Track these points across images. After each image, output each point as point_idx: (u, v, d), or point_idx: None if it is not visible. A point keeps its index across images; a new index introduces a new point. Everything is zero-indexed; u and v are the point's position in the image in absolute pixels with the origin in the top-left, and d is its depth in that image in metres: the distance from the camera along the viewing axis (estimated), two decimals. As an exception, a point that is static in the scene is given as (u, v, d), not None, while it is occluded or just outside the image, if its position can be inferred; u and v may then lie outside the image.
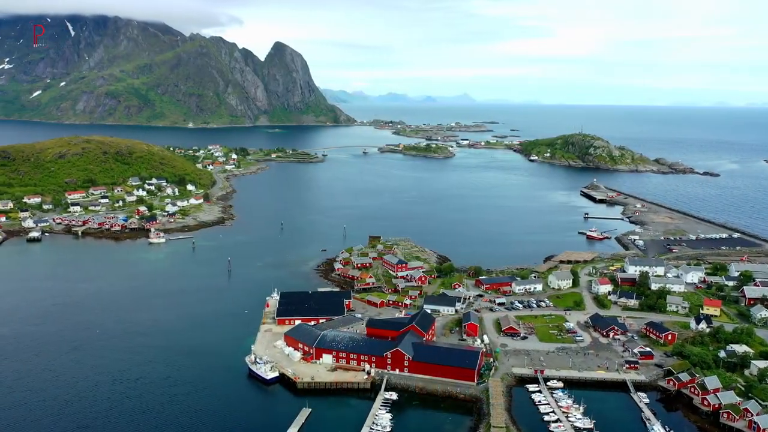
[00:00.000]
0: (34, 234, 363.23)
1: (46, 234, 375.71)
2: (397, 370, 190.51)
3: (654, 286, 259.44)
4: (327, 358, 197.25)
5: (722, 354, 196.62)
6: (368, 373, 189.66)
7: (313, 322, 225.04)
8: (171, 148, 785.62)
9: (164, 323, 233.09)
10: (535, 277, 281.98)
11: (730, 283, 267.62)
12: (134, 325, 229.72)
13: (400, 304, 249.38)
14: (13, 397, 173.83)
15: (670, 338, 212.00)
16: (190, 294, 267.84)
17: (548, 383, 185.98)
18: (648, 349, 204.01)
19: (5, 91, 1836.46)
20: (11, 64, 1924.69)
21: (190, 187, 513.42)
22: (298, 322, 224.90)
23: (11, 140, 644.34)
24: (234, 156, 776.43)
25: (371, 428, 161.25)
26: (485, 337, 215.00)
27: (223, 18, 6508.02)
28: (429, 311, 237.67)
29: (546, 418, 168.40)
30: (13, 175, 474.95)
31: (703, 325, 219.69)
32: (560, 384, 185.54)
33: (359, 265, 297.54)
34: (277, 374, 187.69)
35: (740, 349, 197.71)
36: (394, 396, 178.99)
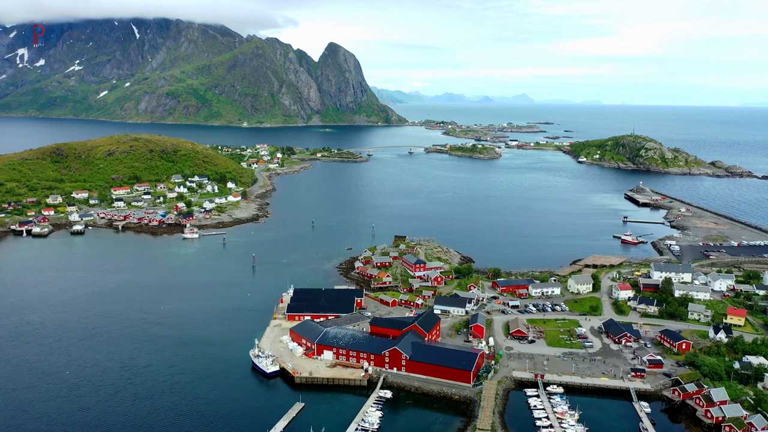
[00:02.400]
0: (78, 227, 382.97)
1: (89, 227, 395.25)
2: (395, 368, 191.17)
3: (677, 293, 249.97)
4: (328, 355, 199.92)
5: (736, 365, 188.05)
6: (366, 370, 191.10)
7: (321, 319, 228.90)
8: (219, 147, 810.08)
9: (181, 315, 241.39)
10: (554, 280, 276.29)
11: (761, 292, 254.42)
12: (153, 315, 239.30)
13: (411, 303, 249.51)
14: (29, 378, 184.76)
15: (684, 347, 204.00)
16: (212, 288, 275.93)
17: (548, 388, 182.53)
18: (658, 357, 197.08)
19: (75, 91, 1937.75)
20: (81, 66, 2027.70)
21: (230, 184, 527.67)
22: (307, 318, 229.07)
23: (75, 138, 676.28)
24: (279, 155, 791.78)
25: (359, 425, 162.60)
26: (491, 339, 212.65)
27: (279, 19, 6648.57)
28: (439, 312, 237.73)
29: (538, 423, 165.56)
30: (65, 171, 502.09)
31: (721, 335, 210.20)
32: (560, 389, 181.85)
33: (379, 264, 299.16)
34: (277, 368, 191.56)
35: (756, 361, 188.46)
36: (388, 394, 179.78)
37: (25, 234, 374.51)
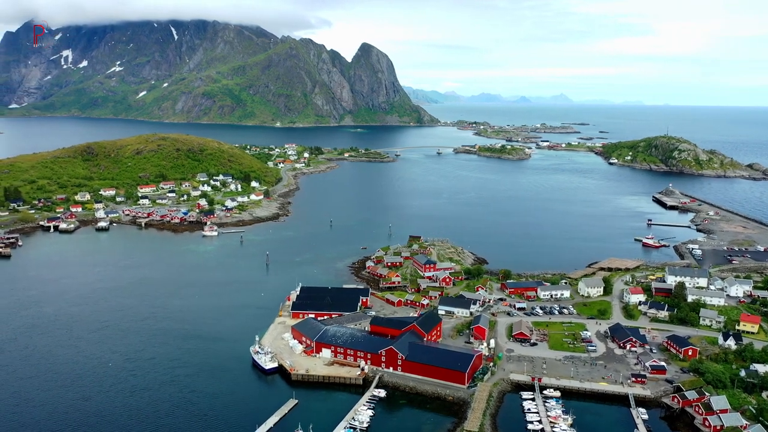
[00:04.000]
0: (103, 224, 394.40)
1: (114, 224, 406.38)
2: (391, 368, 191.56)
3: (690, 298, 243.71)
4: (326, 353, 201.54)
5: (743, 373, 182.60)
6: (362, 369, 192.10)
7: (325, 317, 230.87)
8: (248, 147, 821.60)
9: (191, 310, 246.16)
10: (565, 283, 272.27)
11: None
12: (163, 310, 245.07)
13: (417, 303, 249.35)
14: (37, 368, 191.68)
15: (690, 353, 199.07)
16: (224, 284, 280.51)
17: (544, 392, 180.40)
18: (662, 363, 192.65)
19: (115, 92, 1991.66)
20: (121, 67, 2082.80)
21: (254, 183, 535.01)
22: (311, 316, 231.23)
23: (112, 137, 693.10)
24: (306, 155, 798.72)
25: (350, 423, 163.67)
26: (492, 341, 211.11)
27: (313, 20, 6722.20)
28: (443, 312, 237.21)
29: (530, 426, 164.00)
30: (95, 169, 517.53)
31: (730, 342, 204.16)
32: (557, 393, 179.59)
33: (390, 264, 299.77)
34: (275, 365, 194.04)
35: (763, 369, 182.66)
36: (382, 393, 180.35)
37: (52, 230, 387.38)
